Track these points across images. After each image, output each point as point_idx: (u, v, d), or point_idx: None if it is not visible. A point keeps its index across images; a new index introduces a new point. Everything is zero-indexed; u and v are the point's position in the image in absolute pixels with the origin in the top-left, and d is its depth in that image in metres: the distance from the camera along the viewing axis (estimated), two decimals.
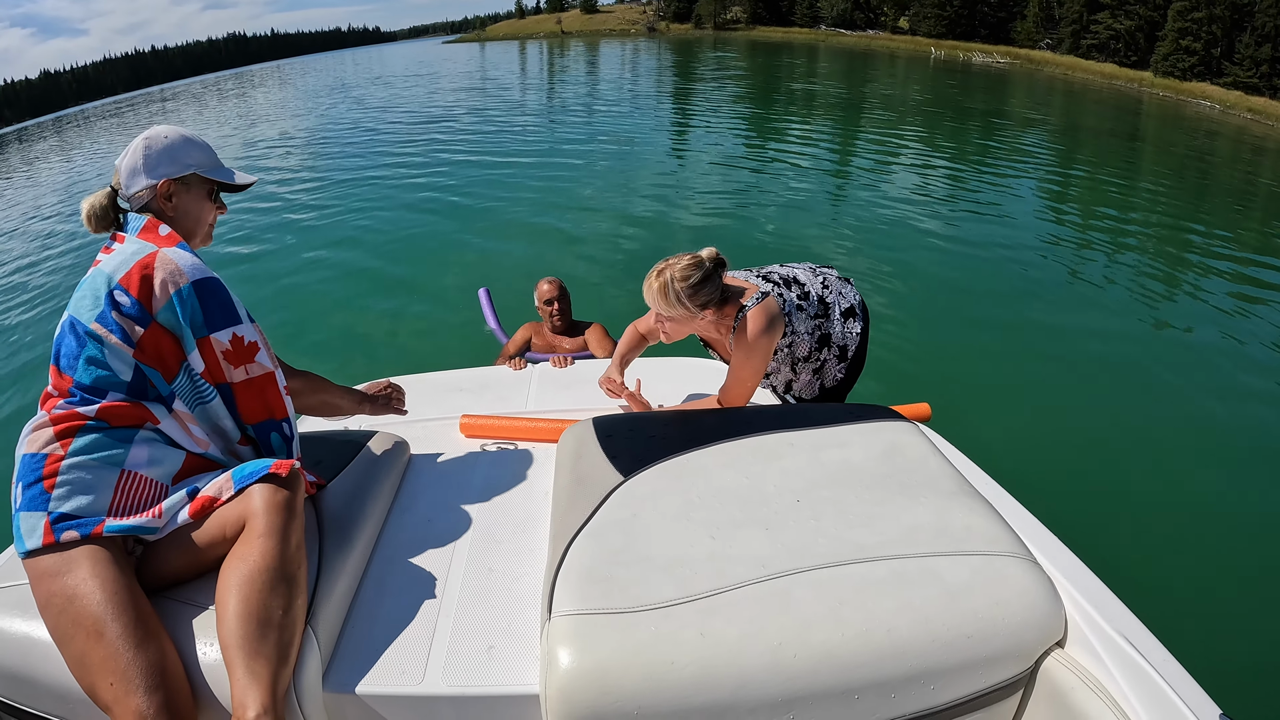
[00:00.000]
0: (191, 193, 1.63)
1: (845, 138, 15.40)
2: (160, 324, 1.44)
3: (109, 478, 1.36)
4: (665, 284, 2.05)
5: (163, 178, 1.58)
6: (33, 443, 1.36)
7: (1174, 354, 5.33)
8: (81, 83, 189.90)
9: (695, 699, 1.14)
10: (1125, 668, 1.19)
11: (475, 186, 10.71)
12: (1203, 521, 3.51)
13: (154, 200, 1.58)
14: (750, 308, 2.12)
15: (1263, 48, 30.49)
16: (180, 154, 1.61)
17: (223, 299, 1.51)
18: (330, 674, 1.33)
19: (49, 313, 7.15)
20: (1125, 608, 1.32)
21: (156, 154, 1.58)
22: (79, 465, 1.34)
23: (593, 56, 46.66)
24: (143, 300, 1.43)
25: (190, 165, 1.62)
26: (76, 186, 15.63)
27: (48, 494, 1.31)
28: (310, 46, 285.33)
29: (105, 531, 1.31)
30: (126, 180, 1.58)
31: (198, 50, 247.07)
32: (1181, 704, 1.10)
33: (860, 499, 1.49)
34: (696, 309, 2.07)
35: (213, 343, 1.49)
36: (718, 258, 2.10)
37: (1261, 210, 10.85)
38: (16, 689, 1.32)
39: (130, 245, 1.50)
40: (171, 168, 1.59)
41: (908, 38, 52.69)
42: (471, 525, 1.73)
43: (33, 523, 1.30)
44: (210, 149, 1.68)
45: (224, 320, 1.51)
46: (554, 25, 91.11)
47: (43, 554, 1.29)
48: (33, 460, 1.35)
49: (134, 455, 1.40)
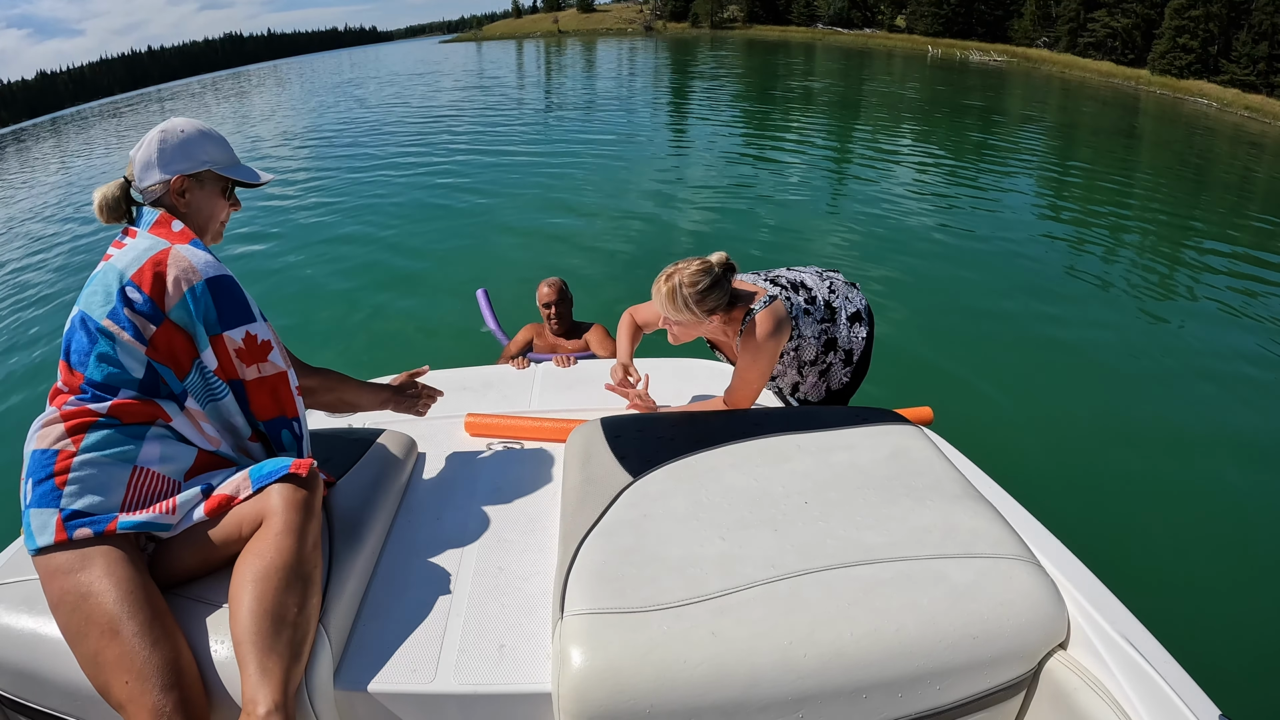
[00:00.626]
0: (205, 189, 1.61)
1: (844, 137, 15.41)
2: (173, 321, 1.43)
3: (121, 475, 1.35)
4: (674, 289, 2.05)
5: (176, 173, 1.55)
6: (43, 439, 1.35)
7: (1176, 357, 5.34)
8: (78, 83, 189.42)
9: (707, 698, 1.15)
10: (1127, 669, 1.20)
11: (475, 186, 10.71)
12: (1204, 524, 3.53)
13: (167, 195, 1.56)
14: (758, 311, 2.13)
15: (1260, 45, 30.55)
16: (196, 149, 1.58)
17: (236, 296, 1.50)
18: (341, 672, 1.33)
19: (53, 308, 7.17)
20: (1127, 610, 1.34)
21: (172, 148, 1.56)
22: (91, 462, 1.33)
23: (590, 56, 46.60)
24: (155, 297, 1.41)
25: (205, 161, 1.59)
26: (76, 185, 15.58)
27: (59, 490, 1.30)
28: (307, 46, 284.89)
29: (119, 528, 1.30)
30: (140, 173, 1.56)
31: (194, 50, 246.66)
32: (1182, 705, 1.12)
33: (867, 501, 1.50)
34: (704, 314, 2.08)
35: (226, 340, 1.48)
36: (727, 262, 2.10)
37: (1260, 205, 10.88)
38: (23, 686, 1.32)
39: (142, 240, 1.49)
40: (186, 163, 1.56)
41: (905, 36, 52.71)
42: (480, 524, 1.73)
43: (44, 520, 1.29)
44: (226, 144, 1.66)
45: (237, 318, 1.49)
46: (551, 25, 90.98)
47: (54, 551, 1.28)
48: (43, 456, 1.33)
49: (146, 452, 1.39)
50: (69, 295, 7.50)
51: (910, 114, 19.16)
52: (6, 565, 1.46)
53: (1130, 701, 1.17)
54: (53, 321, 6.80)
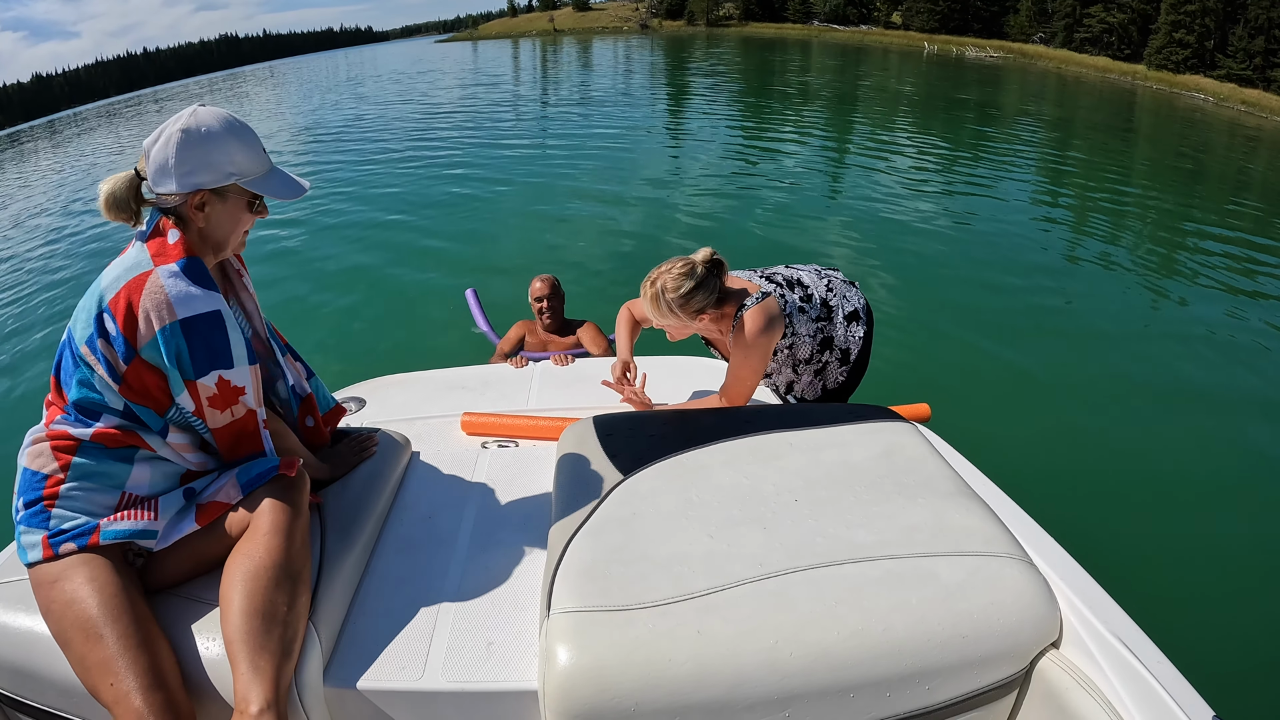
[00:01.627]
0: (228, 203, 1.41)
1: (841, 133, 15.39)
2: (144, 360, 1.30)
3: (109, 500, 1.36)
4: (656, 295, 2.05)
5: (196, 188, 1.36)
6: (33, 457, 1.35)
7: (1173, 358, 5.32)
8: (73, 85, 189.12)
9: (692, 696, 1.15)
10: (1119, 669, 1.20)
11: (467, 184, 10.68)
12: (1199, 524, 3.51)
13: (183, 207, 1.38)
14: (749, 308, 2.12)
15: (1256, 40, 30.54)
16: (221, 158, 1.36)
17: (211, 339, 1.33)
18: (331, 669, 1.34)
19: (53, 309, 7.18)
20: (1120, 609, 1.33)
21: (194, 157, 1.34)
22: (80, 489, 1.34)
23: (586, 54, 46.57)
24: (127, 333, 1.28)
25: (231, 174, 1.38)
26: (74, 184, 15.56)
27: (48, 513, 1.32)
28: (303, 47, 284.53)
29: (102, 538, 1.31)
30: (154, 175, 1.36)
31: (190, 52, 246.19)
32: (1175, 705, 1.11)
33: (858, 499, 1.50)
34: (691, 316, 2.07)
35: (200, 387, 1.34)
36: (712, 259, 2.08)
37: (1258, 198, 10.87)
38: (20, 683, 1.34)
39: (131, 255, 1.35)
40: (208, 175, 1.36)
41: (901, 33, 52.64)
42: (472, 523, 1.73)
43: (33, 539, 1.31)
44: (258, 147, 1.44)
45: (210, 363, 1.33)
46: (546, 23, 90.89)
47: (42, 563, 1.30)
48: (33, 479, 1.34)
49: (135, 476, 1.38)
50: (64, 295, 7.53)
51: (907, 110, 19.15)
52: (3, 566, 1.47)
53: (1123, 702, 1.16)
54: (52, 321, 6.81)
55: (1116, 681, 1.19)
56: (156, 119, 29.70)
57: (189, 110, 1.38)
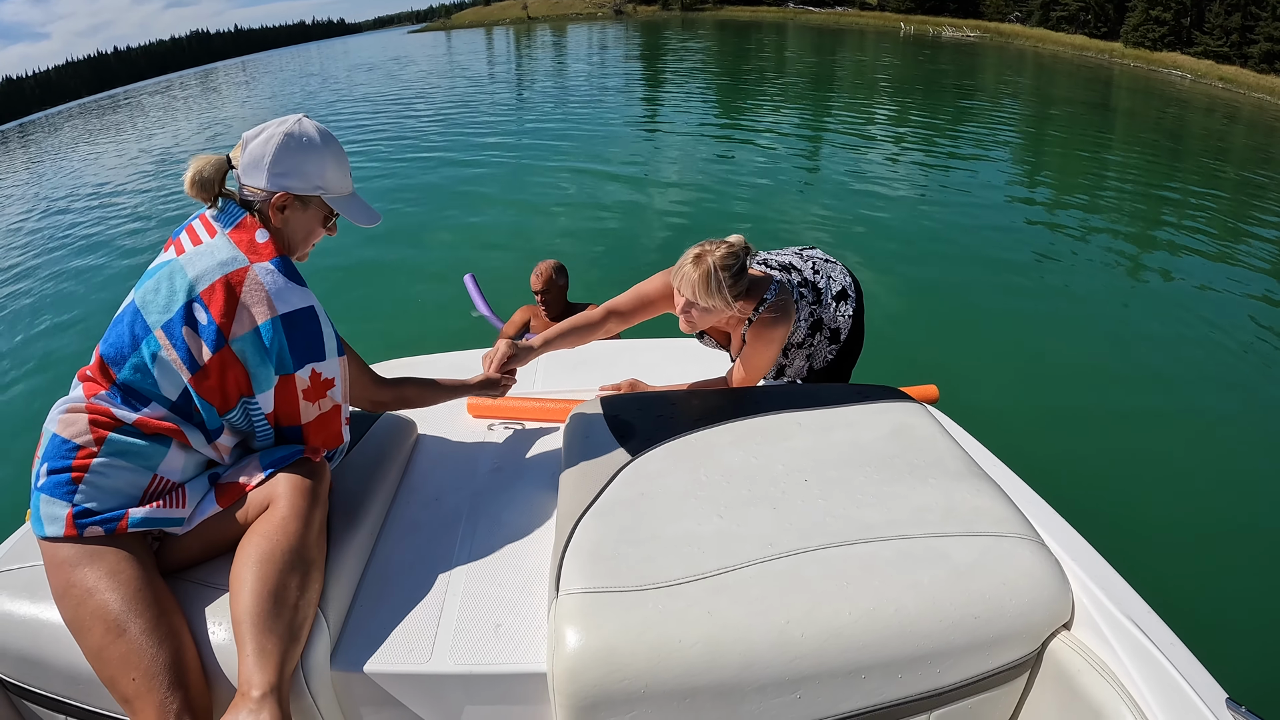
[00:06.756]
0: (308, 212, 1.47)
1: (822, 113, 15.40)
2: (234, 351, 1.32)
3: (140, 480, 1.31)
4: (708, 272, 1.91)
5: (283, 190, 1.41)
6: (65, 425, 1.29)
7: (1188, 334, 5.31)
8: (44, 87, 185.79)
9: (702, 677, 1.14)
10: (1132, 651, 1.19)
11: (457, 170, 10.62)
12: (1212, 504, 3.51)
13: (265, 204, 1.42)
14: (771, 299, 2.10)
15: (1233, 16, 30.81)
16: (314, 168, 1.43)
17: (311, 331, 1.38)
18: (338, 652, 1.33)
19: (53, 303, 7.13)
20: (1132, 591, 1.32)
21: (290, 160, 1.40)
22: (112, 466, 1.28)
23: (560, 40, 46.27)
24: (222, 323, 1.30)
25: (318, 187, 1.45)
26: (73, 182, 15.31)
27: (74, 486, 1.25)
28: (274, 41, 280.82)
29: (130, 525, 1.27)
30: (245, 167, 1.40)
31: (160, 50, 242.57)
32: (1188, 687, 1.11)
33: (868, 479, 1.48)
34: (733, 299, 1.97)
35: (296, 380, 1.38)
36: (745, 245, 2.01)
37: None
38: (26, 671, 1.32)
39: (220, 248, 1.35)
40: (298, 182, 1.42)
41: (876, 14, 52.72)
42: (479, 505, 1.72)
43: (55, 511, 1.24)
44: (347, 170, 1.51)
45: (306, 356, 1.38)
46: (519, 11, 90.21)
47: (62, 541, 1.24)
48: (63, 445, 1.27)
49: (169, 462, 1.34)
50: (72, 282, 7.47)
51: (886, 90, 19.17)
52: (10, 552, 1.44)
53: (1135, 684, 1.15)
54: (53, 315, 6.77)
55: (1129, 663, 1.18)
56: (128, 117, 29.30)
57: (294, 117, 1.45)
